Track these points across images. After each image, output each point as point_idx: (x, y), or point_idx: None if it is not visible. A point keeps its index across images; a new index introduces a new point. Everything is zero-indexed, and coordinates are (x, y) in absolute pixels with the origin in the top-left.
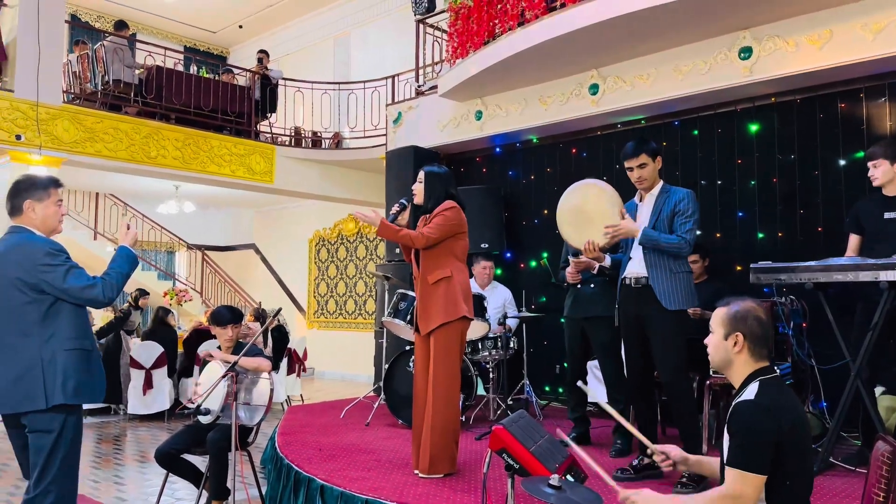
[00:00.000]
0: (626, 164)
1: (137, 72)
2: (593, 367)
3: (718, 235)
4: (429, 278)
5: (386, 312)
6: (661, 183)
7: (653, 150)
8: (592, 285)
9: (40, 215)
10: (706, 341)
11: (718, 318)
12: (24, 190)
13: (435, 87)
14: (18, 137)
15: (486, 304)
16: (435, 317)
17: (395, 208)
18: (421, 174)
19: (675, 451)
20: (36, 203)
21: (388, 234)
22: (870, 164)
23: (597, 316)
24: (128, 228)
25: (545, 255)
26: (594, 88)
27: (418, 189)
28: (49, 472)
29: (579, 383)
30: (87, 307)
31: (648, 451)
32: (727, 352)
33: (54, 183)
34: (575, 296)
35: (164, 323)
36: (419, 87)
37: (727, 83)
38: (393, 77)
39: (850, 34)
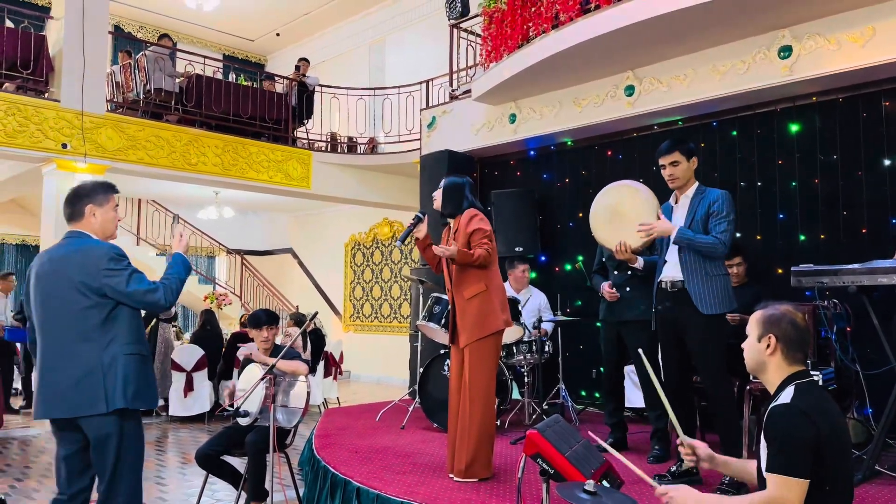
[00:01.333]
0: (660, 162)
1: (178, 80)
2: (630, 371)
3: (759, 238)
4: (465, 294)
5: (420, 316)
6: (696, 184)
7: (688, 150)
8: (628, 289)
9: (100, 220)
10: (744, 345)
11: (753, 320)
12: (85, 195)
13: (469, 91)
14: (64, 146)
15: (520, 308)
16: (472, 331)
17: (411, 222)
18: (442, 182)
19: (702, 447)
20: (97, 208)
21: (466, 260)
22: None
23: (633, 320)
24: (181, 237)
25: (580, 258)
26: (630, 90)
27: (438, 195)
28: (117, 479)
29: (641, 355)
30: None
31: (678, 441)
32: (760, 354)
33: (113, 188)
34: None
35: (209, 325)
36: (453, 91)
37: (767, 83)
38: (427, 82)
39: (894, 31)
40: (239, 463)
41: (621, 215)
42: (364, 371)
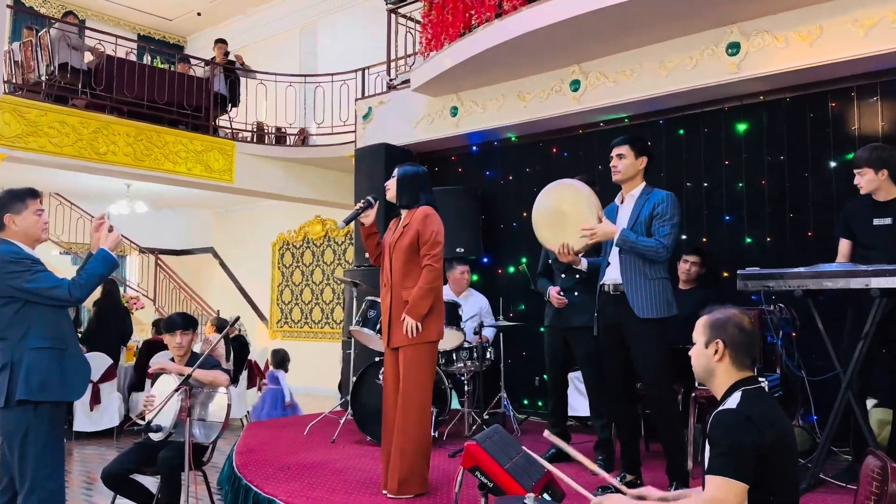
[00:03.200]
0: (611, 154)
1: (87, 60)
2: (576, 378)
3: (704, 240)
4: (403, 294)
5: (354, 321)
6: (642, 184)
7: (639, 147)
8: (577, 293)
9: (21, 227)
10: (690, 352)
11: (700, 326)
12: (1, 206)
13: (407, 81)
14: None
15: (460, 313)
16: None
17: (360, 204)
18: (396, 170)
19: (652, 493)
20: (15, 216)
21: (427, 303)
22: (855, 171)
23: (581, 326)
24: (110, 230)
25: (524, 260)
26: (575, 84)
27: (392, 185)
28: (26, 471)
29: (546, 433)
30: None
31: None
32: (708, 360)
33: (31, 194)
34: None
35: (113, 296)
36: (391, 80)
37: (714, 80)
38: (363, 70)
39: (842, 30)
40: (151, 482)
41: (563, 216)
42: (292, 381)
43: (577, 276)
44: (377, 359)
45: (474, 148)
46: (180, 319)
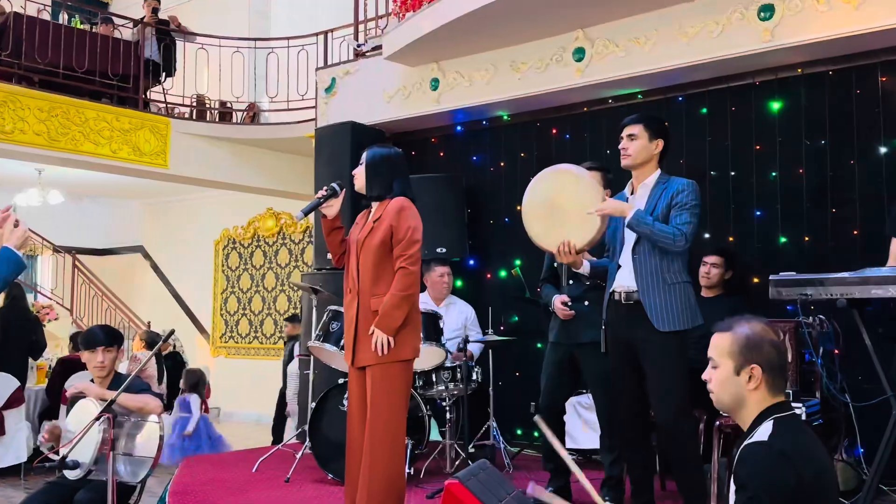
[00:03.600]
0: (621, 134)
1: None
2: (578, 404)
3: (731, 239)
4: (372, 302)
5: (314, 335)
6: (657, 172)
7: (655, 127)
8: (587, 302)
9: None
10: (705, 376)
11: (724, 347)
12: None
13: (379, 47)
14: None
15: (441, 325)
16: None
17: (323, 192)
18: (364, 155)
19: None
20: None
21: (400, 314)
22: None
23: (591, 341)
24: (16, 225)
25: (518, 262)
26: (579, 53)
27: (360, 172)
28: None
29: (536, 418)
30: None
31: None
32: (740, 388)
33: None
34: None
35: (17, 299)
36: (359, 47)
37: (744, 49)
38: (326, 33)
39: None
40: None
41: (561, 208)
42: (238, 407)
43: (588, 282)
44: (341, 380)
45: (459, 128)
46: (102, 333)
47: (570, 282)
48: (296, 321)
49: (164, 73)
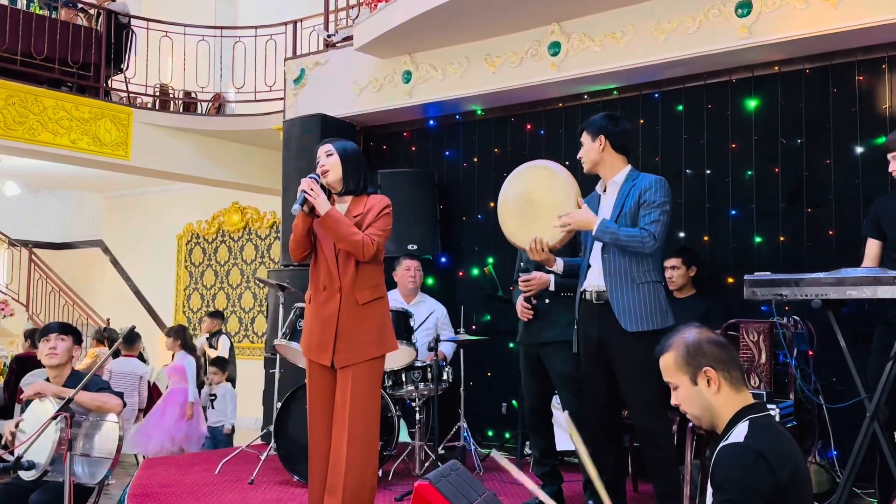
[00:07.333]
0: None
1: None
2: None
3: (706, 239)
4: (358, 297)
5: (280, 333)
6: (627, 168)
7: (592, 128)
8: (548, 300)
9: None
10: (673, 402)
11: (670, 365)
12: None
13: (350, 38)
14: None
15: (412, 324)
16: (366, 347)
17: (308, 185)
18: (329, 146)
19: None
20: None
21: (346, 233)
22: (889, 155)
23: (552, 341)
24: None
25: (490, 260)
26: (555, 48)
27: (332, 165)
28: None
29: (557, 414)
30: None
31: None
32: (704, 397)
33: None
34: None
35: None
36: (329, 37)
37: (721, 46)
38: (295, 23)
39: None
40: None
41: (535, 205)
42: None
43: (552, 289)
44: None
45: (431, 122)
46: (57, 324)
47: None
48: (217, 317)
49: (125, 62)
